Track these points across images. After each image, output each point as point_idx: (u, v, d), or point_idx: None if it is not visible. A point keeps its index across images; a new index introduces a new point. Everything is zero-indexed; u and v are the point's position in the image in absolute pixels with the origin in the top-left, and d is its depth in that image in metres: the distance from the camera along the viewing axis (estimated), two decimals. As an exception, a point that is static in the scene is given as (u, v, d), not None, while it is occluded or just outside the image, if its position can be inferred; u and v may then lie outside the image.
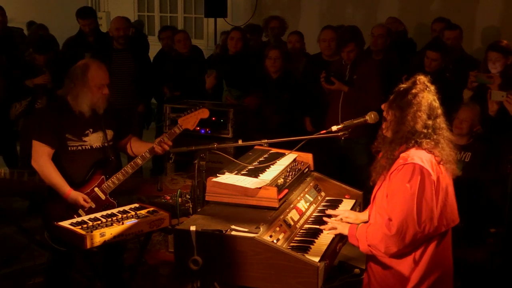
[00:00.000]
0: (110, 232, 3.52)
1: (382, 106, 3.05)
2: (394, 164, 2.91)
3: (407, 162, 2.85)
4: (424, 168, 2.82)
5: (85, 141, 3.94)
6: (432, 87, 2.96)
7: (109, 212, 3.82)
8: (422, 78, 2.97)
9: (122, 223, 3.62)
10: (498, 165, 4.40)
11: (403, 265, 2.93)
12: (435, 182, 2.85)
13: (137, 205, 3.95)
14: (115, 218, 3.70)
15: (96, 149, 3.99)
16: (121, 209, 3.88)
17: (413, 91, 2.93)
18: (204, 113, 4.00)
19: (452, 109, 3.79)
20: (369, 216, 3.14)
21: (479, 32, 7.22)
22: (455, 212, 3.01)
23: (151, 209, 3.87)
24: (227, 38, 6.73)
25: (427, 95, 2.92)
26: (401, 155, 2.90)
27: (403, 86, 2.99)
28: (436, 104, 2.95)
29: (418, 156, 2.87)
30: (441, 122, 2.96)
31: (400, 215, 2.81)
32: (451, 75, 5.51)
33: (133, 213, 3.80)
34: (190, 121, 3.97)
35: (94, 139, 3.98)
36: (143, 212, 3.82)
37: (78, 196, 3.84)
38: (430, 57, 5.50)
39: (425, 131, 2.90)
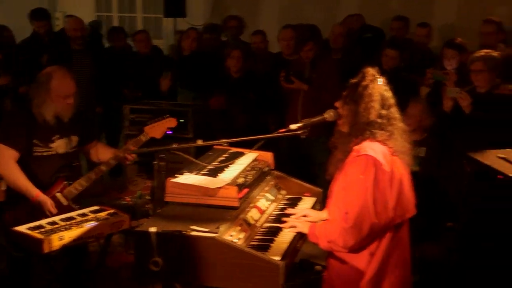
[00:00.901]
0: (69, 235, 3.49)
1: (336, 104, 3.10)
2: (348, 157, 2.96)
3: (360, 154, 2.89)
4: (376, 160, 2.86)
5: (51, 148, 3.92)
6: (382, 78, 3.02)
7: (68, 215, 3.79)
8: (370, 70, 3.03)
9: (81, 226, 3.59)
10: (452, 161, 4.50)
11: (360, 259, 2.97)
12: (389, 173, 2.89)
13: (97, 207, 3.93)
14: (74, 221, 3.67)
15: (61, 155, 3.96)
16: (80, 212, 3.85)
17: (363, 83, 2.98)
18: (171, 122, 4.03)
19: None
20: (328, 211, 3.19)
21: (436, 30, 7.35)
22: (411, 203, 3.05)
23: (111, 211, 3.85)
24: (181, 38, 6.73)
25: (377, 86, 2.98)
26: (355, 147, 2.94)
27: (353, 80, 3.04)
28: (388, 94, 3.01)
29: (371, 147, 2.91)
30: (394, 112, 3.02)
31: (355, 207, 2.85)
32: (408, 73, 5.61)
33: (92, 215, 3.78)
34: (157, 130, 3.98)
35: (60, 145, 3.95)
36: (103, 214, 3.80)
37: (46, 199, 3.80)
38: (388, 55, 5.59)
39: (379, 121, 2.95)
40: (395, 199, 2.92)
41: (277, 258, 2.88)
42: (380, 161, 2.87)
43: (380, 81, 3.01)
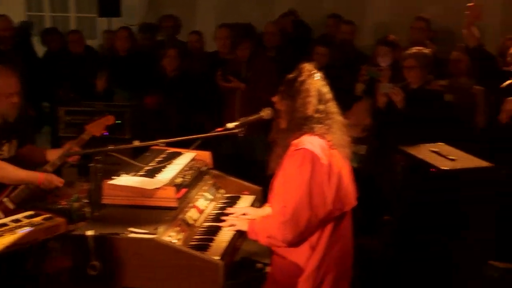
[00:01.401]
0: (2, 242, 3.39)
1: (274, 99, 3.12)
2: (287, 152, 2.98)
3: (297, 148, 2.92)
4: (314, 153, 2.89)
5: (3, 151, 3.80)
6: (319, 74, 3.06)
7: (0, 222, 3.68)
8: (306, 66, 3.06)
9: (15, 233, 3.49)
10: (386, 156, 4.60)
11: (300, 253, 2.99)
12: (327, 166, 2.92)
13: (31, 212, 3.82)
14: (6, 228, 3.56)
15: (8, 159, 3.84)
16: (14, 217, 3.74)
17: (300, 78, 3.01)
18: (110, 120, 4.00)
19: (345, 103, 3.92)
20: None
21: (369, 28, 7.51)
22: (351, 195, 3.08)
23: (47, 215, 3.75)
24: (112, 38, 6.64)
25: (314, 81, 3.01)
26: (293, 142, 2.96)
27: (290, 76, 3.07)
28: (325, 89, 3.05)
29: (309, 141, 2.93)
30: (332, 106, 3.05)
31: (293, 201, 2.87)
32: (338, 70, 5.70)
33: (27, 221, 3.66)
34: (96, 128, 3.93)
35: (8, 149, 3.84)
36: (38, 219, 3.69)
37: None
38: (319, 53, 5.67)
39: (317, 115, 2.98)
40: (333, 192, 2.94)
41: (217, 257, 2.88)
42: (318, 154, 2.90)
43: (317, 76, 3.05)
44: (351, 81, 5.64)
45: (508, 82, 4.26)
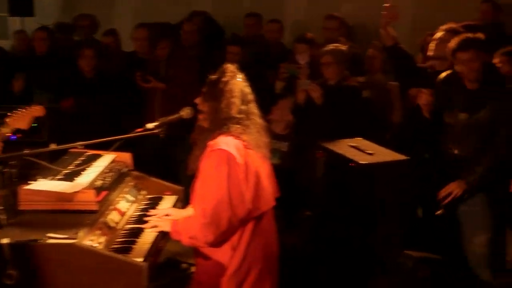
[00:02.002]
0: None
1: (196, 101, 3.12)
2: (204, 152, 2.99)
3: (213, 149, 2.93)
4: (229, 153, 2.90)
5: None
6: (241, 75, 3.08)
7: None
8: (230, 67, 3.08)
9: None
10: (306, 151, 4.68)
11: (222, 253, 3.01)
12: (243, 165, 2.94)
13: None
14: None
15: None
16: None
17: (223, 79, 3.02)
18: (38, 111, 3.75)
19: (266, 102, 3.96)
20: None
21: (288, 26, 7.58)
22: (270, 195, 3.11)
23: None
24: (25, 38, 6.43)
25: (237, 82, 3.04)
26: (209, 143, 2.97)
27: (213, 77, 3.08)
28: (248, 90, 3.08)
29: (224, 142, 2.95)
30: (253, 107, 3.08)
31: (211, 202, 2.88)
32: (258, 68, 5.75)
33: None
34: (22, 120, 3.72)
35: None
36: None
37: None
38: (231, 52, 5.71)
39: (239, 116, 3.00)
40: (252, 191, 2.97)
41: (140, 259, 2.85)
42: (233, 154, 2.91)
43: (240, 77, 3.07)
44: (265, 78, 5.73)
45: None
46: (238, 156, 2.93)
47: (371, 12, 7.17)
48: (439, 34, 4.67)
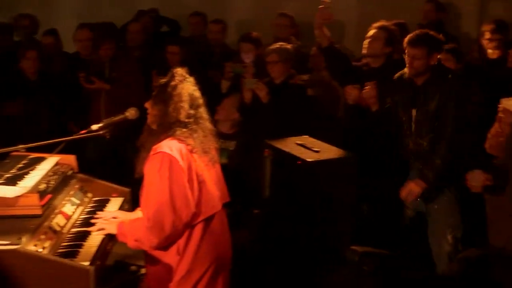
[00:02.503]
0: None
1: (146, 105, 3.09)
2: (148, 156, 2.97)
3: (156, 152, 2.92)
4: (172, 156, 2.90)
5: None
6: (191, 78, 3.08)
7: None
8: (179, 70, 3.07)
9: None
10: (253, 150, 4.70)
11: (168, 257, 3.01)
12: (186, 169, 2.94)
13: None
14: None
15: None
16: None
17: (172, 83, 3.01)
18: None
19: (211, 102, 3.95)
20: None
21: (233, 25, 7.59)
22: (216, 198, 3.12)
23: None
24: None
25: (187, 86, 3.03)
26: (154, 146, 2.96)
27: (162, 80, 3.06)
28: (197, 94, 3.07)
29: (168, 145, 2.94)
30: (203, 112, 3.09)
31: (154, 205, 2.87)
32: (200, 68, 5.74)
33: None
34: None
35: None
36: None
37: None
38: (170, 52, 5.70)
39: (187, 120, 2.99)
40: (196, 194, 2.97)
41: (86, 263, 2.82)
42: (176, 157, 2.90)
43: (190, 81, 3.06)
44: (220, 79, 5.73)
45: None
46: (180, 160, 2.91)
47: (315, 10, 7.28)
48: (371, 32, 4.76)
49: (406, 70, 4.34)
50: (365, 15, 7.02)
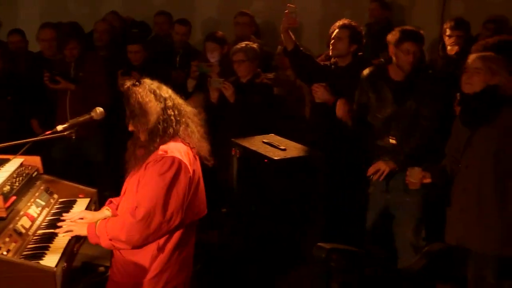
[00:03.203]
0: None
1: (130, 128, 3.02)
2: (152, 155, 2.92)
3: (167, 155, 2.88)
4: (182, 162, 2.89)
5: None
6: (146, 79, 3.03)
7: None
8: (126, 82, 3.03)
9: None
10: (221, 148, 4.68)
11: (146, 255, 2.97)
12: (191, 176, 2.94)
13: None
14: None
15: None
16: None
17: (130, 93, 2.97)
18: None
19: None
20: (117, 208, 3.13)
21: (199, 24, 7.57)
22: (203, 204, 3.14)
23: None
24: None
25: (141, 88, 2.98)
26: (161, 147, 2.92)
27: (125, 96, 3.00)
28: (161, 89, 3.02)
29: (177, 149, 2.92)
30: (176, 98, 3.04)
31: (149, 203, 2.83)
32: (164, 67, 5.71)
33: None
34: None
35: None
36: None
37: None
38: (131, 51, 5.66)
39: (170, 112, 2.96)
40: (189, 201, 2.97)
41: (53, 265, 2.77)
42: (186, 163, 2.90)
43: (144, 81, 3.02)
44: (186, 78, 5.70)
45: None
46: (188, 166, 2.92)
47: (280, 10, 7.30)
48: (334, 33, 4.79)
49: (377, 65, 4.39)
50: (328, 16, 7.06)
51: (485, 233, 3.51)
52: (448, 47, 5.37)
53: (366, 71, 4.46)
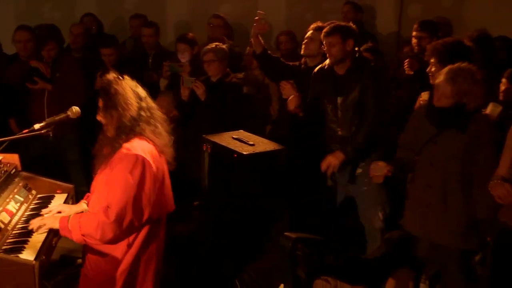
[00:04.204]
0: None
1: (98, 117, 2.99)
2: (116, 154, 2.89)
3: (130, 153, 2.85)
4: (146, 160, 2.86)
5: None
6: (125, 76, 3.02)
7: None
8: (110, 74, 3.00)
9: None
10: (193, 144, 4.67)
11: (117, 250, 2.96)
12: (155, 173, 2.91)
13: None
14: None
15: None
16: None
17: (112, 87, 2.93)
18: None
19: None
20: (88, 205, 3.10)
21: (171, 26, 7.52)
22: (170, 200, 3.12)
23: None
24: None
25: (125, 84, 2.96)
26: (125, 145, 2.89)
27: (102, 88, 2.98)
28: (139, 88, 3.01)
29: (141, 147, 2.89)
30: (150, 101, 3.03)
31: (119, 203, 2.80)
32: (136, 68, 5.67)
33: None
34: None
35: None
36: None
37: None
38: (106, 54, 5.63)
39: (143, 113, 2.94)
40: (156, 197, 2.95)
41: (31, 258, 2.73)
42: (149, 160, 2.87)
43: (126, 78, 3.00)
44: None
45: None
46: (152, 163, 2.89)
47: (247, 12, 7.31)
48: (308, 34, 4.83)
49: (326, 62, 4.42)
50: (292, 18, 7.10)
51: (450, 229, 3.56)
52: (414, 46, 5.50)
53: (317, 68, 4.52)
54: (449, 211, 3.56)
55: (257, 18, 4.73)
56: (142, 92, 3.01)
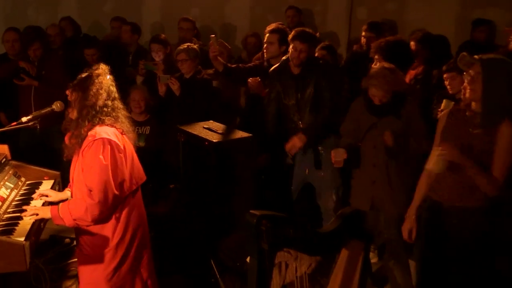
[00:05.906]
0: None
1: (67, 91, 2.96)
2: (84, 142, 2.85)
3: (96, 138, 2.82)
4: (111, 140, 2.83)
5: None
6: (111, 76, 2.98)
7: None
8: (103, 65, 2.97)
9: None
10: (169, 134, 4.66)
11: (108, 226, 2.94)
12: (123, 150, 2.90)
13: None
14: None
15: None
16: None
17: (96, 72, 2.91)
18: None
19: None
20: (71, 193, 3.06)
21: (147, 27, 7.45)
22: (142, 172, 3.10)
23: None
24: None
25: (106, 80, 2.93)
26: (89, 133, 2.86)
27: (86, 70, 2.94)
28: (114, 89, 2.98)
29: (104, 131, 2.86)
30: (118, 103, 3.00)
31: (99, 184, 2.78)
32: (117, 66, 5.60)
33: None
34: None
35: None
36: None
37: None
38: (89, 54, 5.56)
39: (106, 109, 2.90)
40: (130, 170, 2.94)
41: (21, 238, 2.70)
42: (115, 141, 2.85)
43: (109, 78, 2.97)
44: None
45: None
46: (118, 142, 2.87)
47: (215, 14, 7.30)
48: (266, 37, 4.83)
49: (281, 62, 4.43)
50: (255, 19, 7.10)
51: (394, 198, 3.75)
52: (363, 44, 5.56)
53: (273, 67, 4.52)
54: (393, 184, 3.76)
55: (210, 42, 4.70)
56: (115, 93, 2.98)
